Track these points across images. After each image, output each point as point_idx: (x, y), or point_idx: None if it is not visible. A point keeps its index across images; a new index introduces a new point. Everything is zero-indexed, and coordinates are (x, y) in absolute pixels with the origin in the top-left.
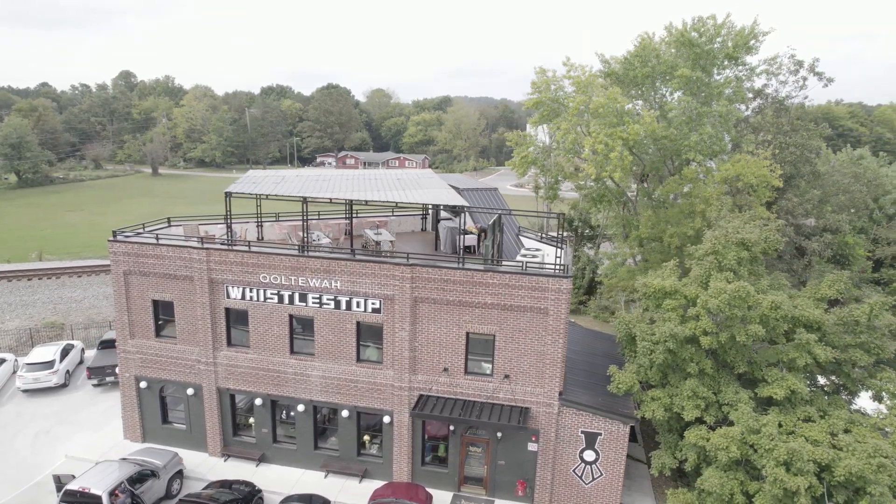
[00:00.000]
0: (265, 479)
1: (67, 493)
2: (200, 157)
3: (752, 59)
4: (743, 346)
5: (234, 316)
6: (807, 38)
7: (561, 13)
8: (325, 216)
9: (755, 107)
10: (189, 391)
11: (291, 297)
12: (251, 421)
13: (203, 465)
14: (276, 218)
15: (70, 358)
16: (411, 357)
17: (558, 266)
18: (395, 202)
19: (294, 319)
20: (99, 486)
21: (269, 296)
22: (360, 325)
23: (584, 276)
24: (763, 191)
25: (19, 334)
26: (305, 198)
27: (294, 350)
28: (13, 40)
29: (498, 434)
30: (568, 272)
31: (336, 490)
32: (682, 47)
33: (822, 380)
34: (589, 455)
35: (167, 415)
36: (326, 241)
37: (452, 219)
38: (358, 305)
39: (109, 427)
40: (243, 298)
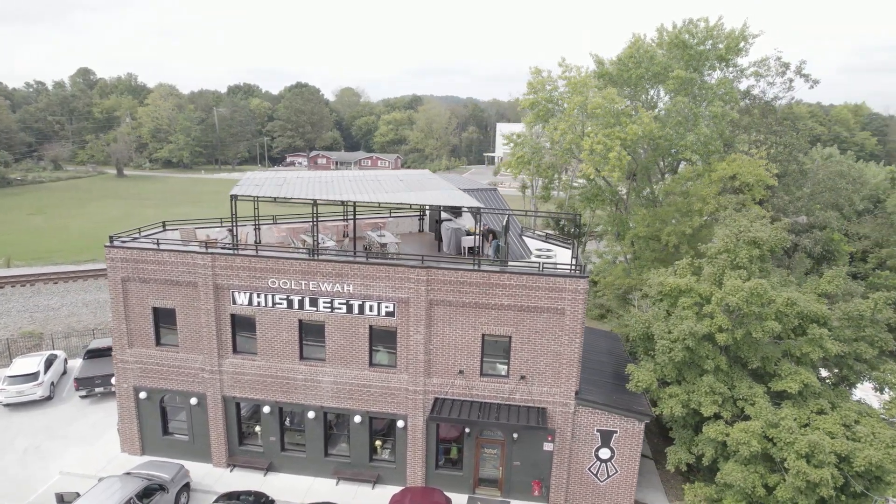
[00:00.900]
0: (274, 489)
1: None
2: (167, 157)
3: (742, 61)
4: (756, 343)
5: (241, 322)
6: (762, 40)
7: (525, 13)
8: (324, 218)
9: (741, 107)
10: (192, 401)
11: (301, 301)
12: (257, 429)
13: (209, 477)
14: (273, 221)
15: (54, 369)
16: (426, 360)
17: (574, 266)
18: (410, 204)
19: (303, 325)
20: None
21: (277, 301)
22: (373, 329)
23: None
24: (758, 189)
25: None
26: (316, 200)
27: (304, 356)
28: None
29: (514, 435)
30: (585, 272)
31: (349, 497)
32: (675, 48)
33: (824, 372)
34: (604, 453)
35: (168, 426)
36: (331, 243)
37: (453, 219)
38: (371, 309)
39: (103, 440)
40: (250, 304)
